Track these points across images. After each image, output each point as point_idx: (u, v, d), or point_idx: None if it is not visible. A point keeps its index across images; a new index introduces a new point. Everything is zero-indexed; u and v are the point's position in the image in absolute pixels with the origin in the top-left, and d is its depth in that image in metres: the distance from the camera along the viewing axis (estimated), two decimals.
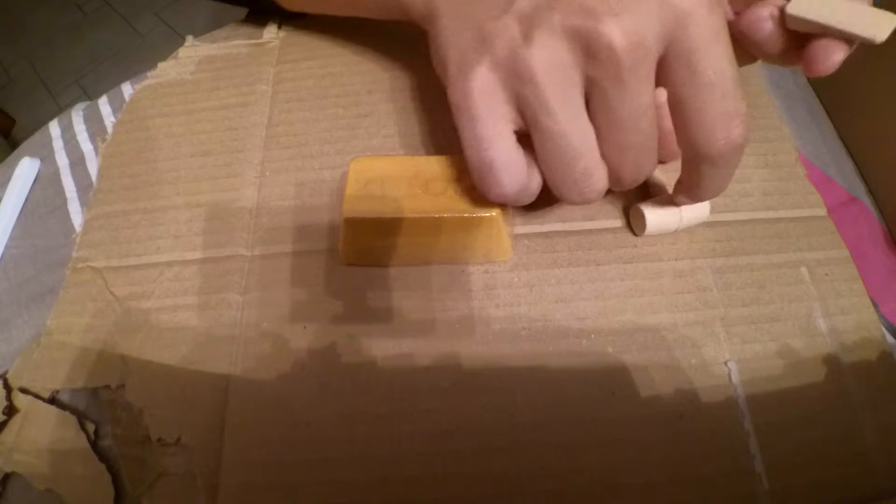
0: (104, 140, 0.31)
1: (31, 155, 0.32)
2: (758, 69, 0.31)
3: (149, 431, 0.22)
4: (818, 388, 0.23)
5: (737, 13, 0.20)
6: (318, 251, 0.26)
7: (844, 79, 0.29)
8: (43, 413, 0.23)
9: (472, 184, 0.22)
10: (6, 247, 0.29)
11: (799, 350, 0.23)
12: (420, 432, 0.22)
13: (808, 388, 0.23)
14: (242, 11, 0.36)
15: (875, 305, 0.25)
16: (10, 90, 1.29)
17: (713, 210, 0.26)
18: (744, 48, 0.20)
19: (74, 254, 0.27)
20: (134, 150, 0.30)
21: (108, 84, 0.35)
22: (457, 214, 0.23)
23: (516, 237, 0.26)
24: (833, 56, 0.18)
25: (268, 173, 0.28)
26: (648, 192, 0.26)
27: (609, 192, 0.21)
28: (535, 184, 0.21)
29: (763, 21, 0.19)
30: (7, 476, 0.22)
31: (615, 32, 0.17)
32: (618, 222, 0.26)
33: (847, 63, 0.18)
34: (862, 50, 0.18)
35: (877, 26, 0.18)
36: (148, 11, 1.43)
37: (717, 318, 0.24)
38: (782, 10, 0.19)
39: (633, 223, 0.26)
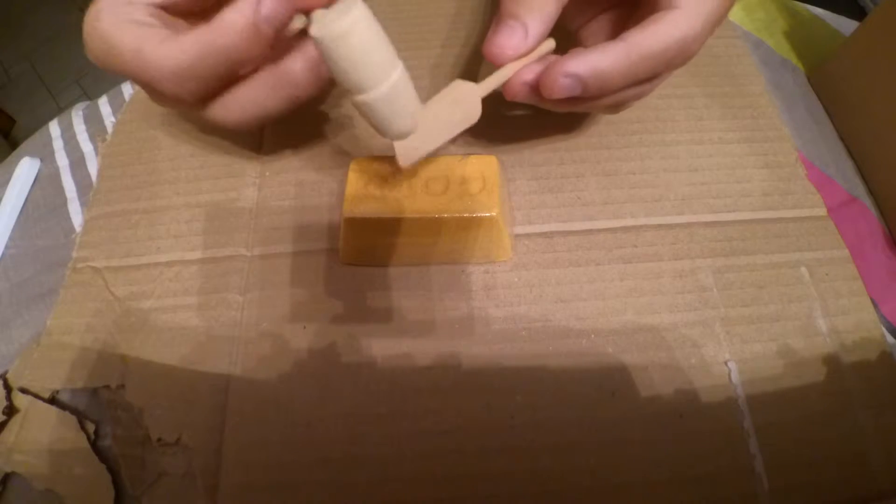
0: (104, 140, 0.31)
1: (31, 155, 0.32)
2: (758, 69, 0.31)
3: (149, 431, 0.22)
4: (818, 388, 0.23)
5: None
6: (317, 251, 0.26)
7: (844, 79, 0.30)
8: (43, 413, 0.23)
9: (472, 184, 0.22)
10: (6, 247, 0.29)
11: (799, 350, 0.23)
12: (420, 432, 0.22)
13: (808, 388, 0.23)
14: None
15: (875, 305, 0.25)
16: (10, 90, 1.29)
17: (713, 210, 0.26)
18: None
19: (74, 254, 0.27)
20: (134, 150, 0.30)
21: (108, 84, 0.35)
22: (457, 214, 0.23)
23: (516, 237, 0.26)
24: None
25: (268, 173, 0.28)
26: None
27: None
28: None
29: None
30: (7, 476, 0.22)
31: None
32: (618, 222, 0.26)
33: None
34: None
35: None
36: None
37: (717, 318, 0.24)
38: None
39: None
